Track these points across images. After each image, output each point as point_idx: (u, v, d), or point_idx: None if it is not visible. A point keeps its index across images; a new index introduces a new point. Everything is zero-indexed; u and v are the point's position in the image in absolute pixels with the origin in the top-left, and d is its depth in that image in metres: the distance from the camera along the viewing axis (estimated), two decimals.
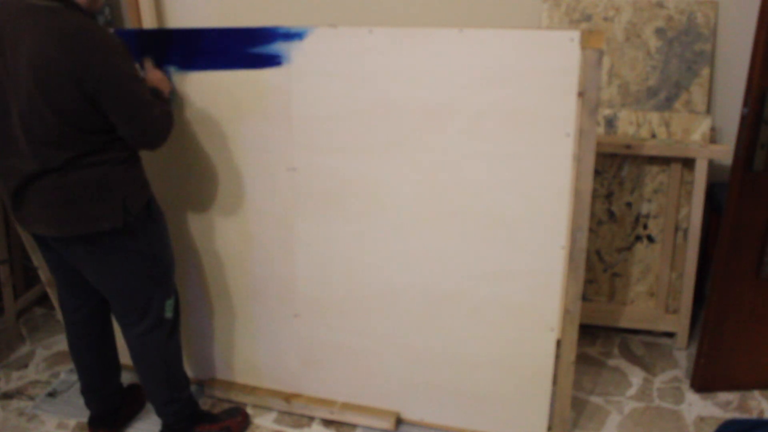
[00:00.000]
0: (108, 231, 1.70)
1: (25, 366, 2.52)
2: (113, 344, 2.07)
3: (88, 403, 2.08)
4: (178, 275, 2.04)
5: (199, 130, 1.98)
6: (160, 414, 2.01)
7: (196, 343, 2.26)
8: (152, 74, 1.86)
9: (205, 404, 2.22)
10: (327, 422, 2.15)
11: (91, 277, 1.82)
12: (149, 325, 1.87)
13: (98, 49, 1.53)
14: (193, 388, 2.07)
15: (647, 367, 2.39)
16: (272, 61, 1.86)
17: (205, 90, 1.94)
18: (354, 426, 2.13)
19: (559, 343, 1.90)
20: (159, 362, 1.92)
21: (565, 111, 1.68)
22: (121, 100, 1.58)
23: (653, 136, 2.37)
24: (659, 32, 2.38)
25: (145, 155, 1.83)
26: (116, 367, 2.10)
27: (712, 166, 2.41)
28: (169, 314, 1.90)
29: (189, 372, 2.06)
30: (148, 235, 1.80)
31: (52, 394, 2.33)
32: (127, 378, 2.22)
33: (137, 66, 1.71)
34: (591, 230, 2.45)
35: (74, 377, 2.40)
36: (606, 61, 2.42)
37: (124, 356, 2.10)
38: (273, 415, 2.20)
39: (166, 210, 1.93)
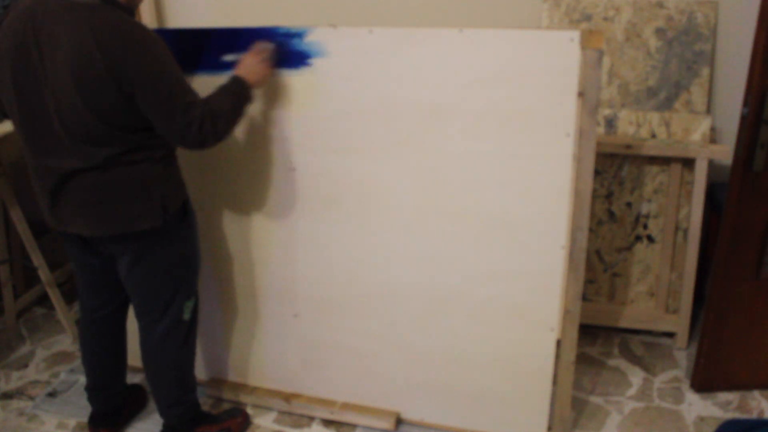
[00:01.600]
0: (145, 231, 1.69)
1: (25, 366, 2.52)
2: (125, 345, 2.07)
3: (92, 401, 2.08)
4: None
5: None
6: (163, 415, 2.00)
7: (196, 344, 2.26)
8: (244, 60, 1.76)
9: (205, 404, 2.22)
10: (327, 422, 2.15)
11: (121, 273, 1.81)
12: (167, 326, 1.86)
13: (135, 46, 1.52)
14: None
15: (647, 367, 2.39)
16: None
17: (204, 91, 1.93)
18: (354, 426, 2.13)
19: (559, 343, 1.90)
20: (172, 364, 1.92)
21: (565, 111, 1.68)
22: (157, 99, 1.55)
23: (653, 136, 2.37)
24: (659, 32, 2.38)
25: None
26: (124, 368, 2.10)
27: (712, 166, 2.41)
28: (187, 316, 1.89)
29: None
30: (182, 236, 1.80)
31: (52, 394, 2.33)
32: (128, 378, 2.22)
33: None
34: (591, 230, 2.45)
35: (74, 377, 2.40)
36: (606, 61, 2.42)
37: (130, 356, 2.10)
38: (273, 415, 2.20)
39: None
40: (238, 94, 1.69)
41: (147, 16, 2.80)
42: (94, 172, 1.62)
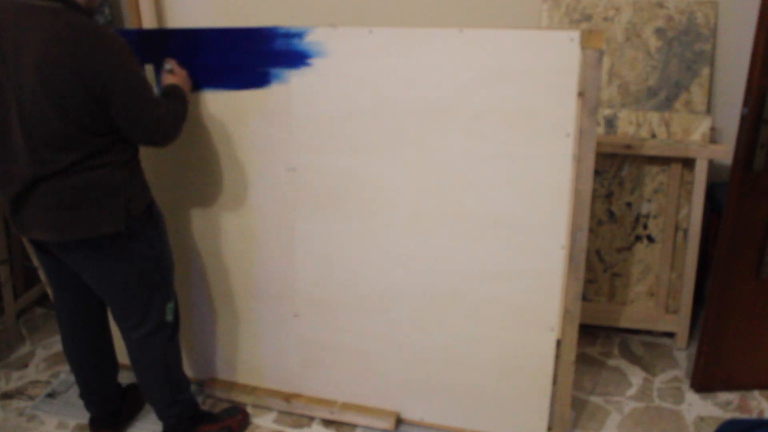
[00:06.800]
0: (109, 235, 1.68)
1: (25, 366, 2.52)
2: (111, 345, 2.06)
3: (88, 406, 2.08)
4: (179, 276, 2.04)
5: (199, 130, 1.98)
6: (161, 417, 2.00)
7: (196, 344, 2.26)
8: (176, 73, 1.85)
9: (204, 404, 2.22)
10: (327, 422, 2.15)
11: (91, 281, 1.80)
12: (150, 329, 1.86)
13: (103, 48, 1.53)
14: (192, 388, 2.07)
15: (647, 367, 2.39)
16: None
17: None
18: (354, 426, 2.13)
19: (559, 343, 1.90)
20: (160, 365, 1.91)
21: (565, 111, 1.68)
22: (127, 99, 1.58)
23: (653, 136, 2.37)
24: (659, 32, 2.38)
25: (144, 156, 1.83)
26: (114, 368, 2.09)
27: (712, 166, 2.41)
28: (169, 317, 1.89)
29: (188, 372, 2.06)
30: (149, 238, 1.79)
31: (51, 395, 2.33)
32: (125, 378, 2.22)
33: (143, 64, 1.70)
34: (591, 230, 2.45)
35: (74, 378, 2.40)
36: (606, 61, 2.42)
37: (122, 356, 2.10)
38: (273, 415, 2.20)
39: (165, 211, 1.93)
40: (182, 101, 1.78)
41: (147, 16, 2.80)
42: (55, 178, 1.61)
